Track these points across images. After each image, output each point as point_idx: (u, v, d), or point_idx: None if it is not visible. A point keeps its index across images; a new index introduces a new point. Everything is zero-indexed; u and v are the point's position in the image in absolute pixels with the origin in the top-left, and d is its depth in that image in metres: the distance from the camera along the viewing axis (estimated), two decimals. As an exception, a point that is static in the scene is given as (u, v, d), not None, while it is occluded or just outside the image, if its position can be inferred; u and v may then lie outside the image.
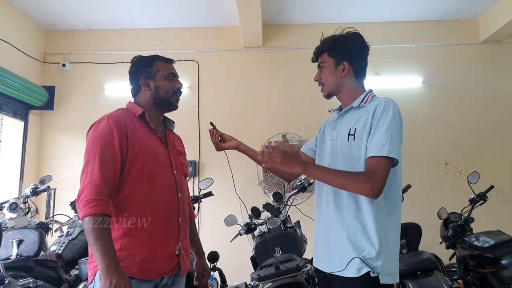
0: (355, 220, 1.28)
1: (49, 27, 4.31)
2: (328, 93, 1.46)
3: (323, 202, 1.40)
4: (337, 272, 1.28)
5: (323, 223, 1.37)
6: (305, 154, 1.59)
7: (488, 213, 3.52)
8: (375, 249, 1.23)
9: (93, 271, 1.26)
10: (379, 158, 1.21)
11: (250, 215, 2.48)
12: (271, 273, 1.96)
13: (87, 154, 1.29)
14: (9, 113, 3.84)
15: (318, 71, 1.47)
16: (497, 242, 2.37)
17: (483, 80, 4.16)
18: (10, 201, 2.84)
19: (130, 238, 1.28)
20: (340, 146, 1.36)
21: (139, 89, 1.49)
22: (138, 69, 1.48)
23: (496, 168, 3.97)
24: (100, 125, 1.33)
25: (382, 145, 1.21)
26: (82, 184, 1.25)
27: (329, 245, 1.33)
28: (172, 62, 1.55)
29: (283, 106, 4.15)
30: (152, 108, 1.47)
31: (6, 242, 2.35)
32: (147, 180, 1.34)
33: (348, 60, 1.40)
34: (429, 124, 4.07)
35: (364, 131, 1.30)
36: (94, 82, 4.22)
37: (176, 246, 1.37)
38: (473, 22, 4.26)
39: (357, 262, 1.23)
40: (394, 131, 1.24)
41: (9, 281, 1.89)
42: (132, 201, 1.31)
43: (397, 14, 4.12)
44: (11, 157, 3.97)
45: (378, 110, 1.28)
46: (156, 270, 1.31)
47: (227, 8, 3.87)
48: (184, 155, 1.62)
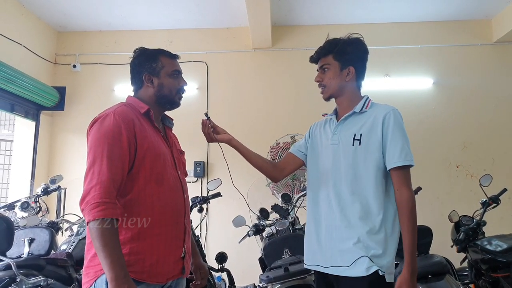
0: (362, 222, 1.31)
1: (61, 28, 4.37)
2: (330, 95, 1.49)
3: (322, 205, 1.41)
4: (343, 271, 1.29)
5: (325, 225, 1.39)
6: (294, 155, 1.61)
7: (500, 216, 3.46)
8: (381, 248, 1.29)
9: (94, 276, 1.17)
10: (403, 169, 1.33)
11: (259, 216, 2.47)
12: (280, 274, 1.96)
13: (93, 152, 1.19)
14: (21, 114, 3.90)
15: (319, 73, 1.50)
16: (510, 246, 2.33)
17: (495, 81, 4.10)
18: (21, 200, 2.87)
19: (139, 242, 1.21)
20: (343, 150, 1.39)
21: (142, 85, 1.41)
22: (142, 63, 1.40)
23: (509, 171, 3.90)
24: (105, 121, 1.23)
25: (405, 154, 1.32)
26: (88, 185, 1.15)
27: (334, 246, 1.34)
28: (177, 58, 1.46)
29: (291, 107, 4.14)
30: (154, 105, 1.39)
31: (17, 241, 2.37)
32: (155, 180, 1.27)
33: (354, 65, 1.44)
34: (440, 125, 4.02)
35: (371, 137, 1.35)
36: (104, 83, 4.27)
37: (182, 249, 1.33)
38: (485, 22, 4.20)
39: (366, 261, 1.27)
40: (408, 140, 1.35)
41: (21, 279, 1.91)
42: (141, 202, 1.24)
43: (407, 15, 4.08)
44: (23, 157, 4.03)
45: (389, 119, 1.35)
46: (165, 274, 1.26)
47: (236, 9, 3.88)
48: (184, 154, 1.55)
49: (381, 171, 1.35)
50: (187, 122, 2.35)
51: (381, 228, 1.30)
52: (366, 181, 1.34)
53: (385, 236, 1.30)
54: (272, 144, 3.98)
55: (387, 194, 1.35)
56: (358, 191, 1.34)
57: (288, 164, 1.62)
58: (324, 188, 1.41)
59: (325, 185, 1.42)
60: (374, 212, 1.31)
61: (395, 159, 1.31)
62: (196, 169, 4.04)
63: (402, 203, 1.30)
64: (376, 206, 1.31)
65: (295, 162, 1.61)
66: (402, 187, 1.31)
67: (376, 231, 1.30)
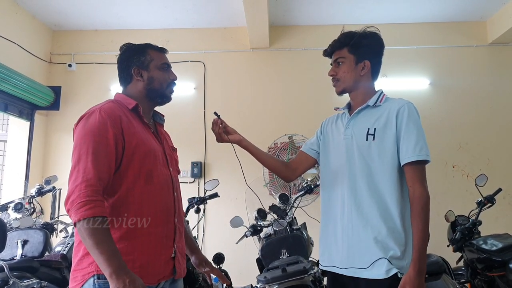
0: (380, 220, 1.27)
1: (56, 27, 4.33)
2: (343, 89, 1.43)
3: (337, 204, 1.37)
4: (362, 273, 1.25)
5: (341, 225, 1.33)
6: (306, 154, 1.56)
7: (496, 216, 3.48)
8: (400, 249, 1.24)
9: (82, 280, 1.12)
10: (418, 164, 1.27)
11: (256, 216, 2.46)
12: (277, 275, 1.94)
13: (78, 150, 1.14)
14: (15, 113, 3.85)
15: (333, 66, 1.44)
16: (505, 245, 2.35)
17: (491, 82, 4.13)
18: (15, 201, 2.83)
19: (128, 242, 1.17)
20: (357, 145, 1.34)
21: (130, 79, 1.35)
22: (130, 57, 1.35)
23: (504, 171, 3.93)
24: (91, 117, 1.19)
25: (420, 148, 1.26)
26: (73, 184, 1.10)
27: (351, 246, 1.30)
28: (165, 52, 1.43)
29: (289, 107, 4.14)
30: (144, 101, 1.35)
31: (10, 243, 2.34)
32: (145, 178, 1.22)
33: (369, 59, 1.39)
34: (436, 126, 4.04)
35: (386, 131, 1.30)
36: (100, 83, 4.23)
37: (172, 249, 1.28)
38: (480, 24, 4.23)
39: (385, 263, 1.22)
40: (423, 134, 1.30)
41: (14, 281, 1.88)
42: (130, 201, 1.19)
43: (404, 16, 4.10)
44: (16, 157, 3.98)
45: (403, 113, 1.30)
46: (156, 275, 1.22)
47: (234, 9, 3.86)
48: (176, 151, 1.51)
49: (397, 167, 1.29)
50: (184, 122, 2.34)
51: (401, 227, 1.26)
52: (382, 177, 1.29)
53: (405, 236, 1.25)
54: (269, 145, 3.97)
55: (404, 192, 1.29)
56: (374, 188, 1.29)
57: (301, 164, 1.58)
58: (339, 185, 1.36)
59: (340, 182, 1.36)
60: (392, 210, 1.26)
61: (409, 153, 1.26)
62: (193, 170, 4.02)
63: (414, 200, 1.25)
64: (394, 204, 1.26)
65: (308, 160, 1.56)
66: (416, 184, 1.25)
67: (395, 230, 1.25)
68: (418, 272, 1.20)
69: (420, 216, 1.23)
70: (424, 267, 1.22)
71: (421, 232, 1.23)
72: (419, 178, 1.26)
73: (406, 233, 1.26)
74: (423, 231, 1.23)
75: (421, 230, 1.23)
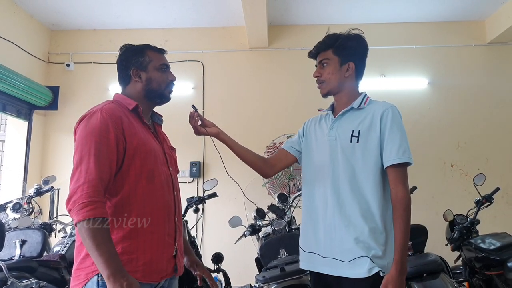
0: (362, 220, 1.29)
1: (54, 27, 4.32)
2: (328, 91, 1.45)
3: (318, 205, 1.38)
4: (344, 271, 1.27)
5: (323, 225, 1.35)
6: (286, 151, 1.57)
7: (494, 215, 3.50)
8: (381, 249, 1.27)
9: (85, 278, 1.14)
10: (401, 167, 1.30)
11: (255, 216, 2.47)
12: (276, 274, 1.95)
13: (80, 151, 1.16)
14: (13, 113, 3.84)
15: (318, 67, 1.46)
16: (503, 244, 2.35)
17: (489, 82, 4.14)
18: (13, 201, 2.83)
19: (131, 241, 1.18)
20: (341, 146, 1.36)
21: (129, 80, 1.37)
22: (128, 58, 1.37)
23: (502, 170, 3.94)
24: (92, 118, 1.20)
25: (403, 151, 1.29)
26: (75, 184, 1.12)
27: (333, 247, 1.32)
28: (165, 53, 1.44)
29: (288, 107, 4.14)
30: (143, 101, 1.36)
31: (9, 243, 2.34)
32: (146, 178, 1.25)
33: (354, 61, 1.41)
34: (435, 125, 4.05)
35: (370, 133, 1.32)
36: (99, 82, 4.23)
37: (173, 247, 1.31)
38: (479, 23, 4.24)
39: (367, 261, 1.25)
40: (406, 137, 1.32)
41: (12, 281, 1.88)
42: (132, 201, 1.21)
43: (403, 15, 4.10)
44: (14, 157, 3.97)
45: (387, 116, 1.32)
46: (159, 273, 1.24)
47: (233, 8, 3.86)
48: (175, 151, 1.52)
49: (380, 169, 1.32)
50: (182, 122, 2.32)
51: (382, 227, 1.28)
52: (364, 179, 1.31)
53: (386, 236, 1.28)
54: (268, 144, 3.97)
55: (386, 193, 1.32)
56: (356, 188, 1.31)
57: (280, 160, 1.58)
58: (321, 184, 1.38)
59: (322, 181, 1.38)
60: (374, 211, 1.29)
61: (392, 156, 1.29)
62: (192, 170, 4.02)
63: (397, 201, 1.28)
64: (376, 205, 1.29)
65: (287, 158, 1.57)
66: (398, 185, 1.28)
67: (376, 231, 1.28)
68: (400, 272, 1.23)
69: (402, 217, 1.26)
70: (405, 267, 1.25)
71: (403, 233, 1.26)
72: (402, 180, 1.29)
73: (387, 233, 1.29)
74: (405, 232, 1.26)
75: (403, 231, 1.26)
